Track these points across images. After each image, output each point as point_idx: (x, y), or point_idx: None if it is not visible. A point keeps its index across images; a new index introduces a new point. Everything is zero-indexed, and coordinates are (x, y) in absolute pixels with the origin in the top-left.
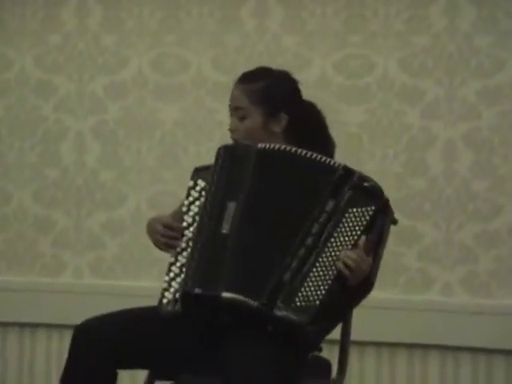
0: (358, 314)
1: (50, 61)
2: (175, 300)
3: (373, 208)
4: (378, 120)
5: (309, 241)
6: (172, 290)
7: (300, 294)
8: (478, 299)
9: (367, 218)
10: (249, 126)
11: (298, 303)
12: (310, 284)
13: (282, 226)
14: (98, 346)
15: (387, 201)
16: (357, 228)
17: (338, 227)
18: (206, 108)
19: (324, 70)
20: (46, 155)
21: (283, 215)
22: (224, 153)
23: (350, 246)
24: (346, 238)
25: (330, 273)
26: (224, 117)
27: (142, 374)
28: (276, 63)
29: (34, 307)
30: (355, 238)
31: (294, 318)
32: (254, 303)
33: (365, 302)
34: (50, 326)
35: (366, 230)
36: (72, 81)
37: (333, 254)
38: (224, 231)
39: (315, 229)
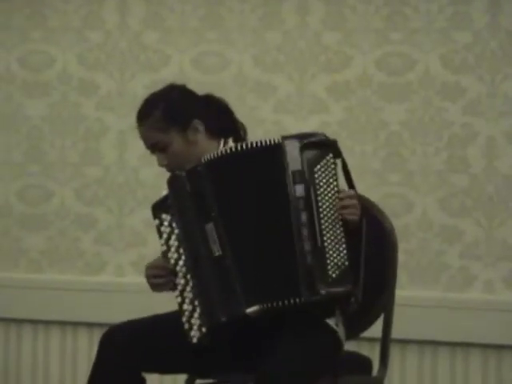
0: (399, 312)
1: (91, 59)
2: (204, 335)
3: (330, 155)
4: (419, 117)
5: (303, 217)
6: (195, 327)
7: (330, 267)
8: None
9: (332, 166)
10: (175, 151)
11: (334, 275)
12: (331, 252)
13: (269, 222)
14: (124, 352)
15: (335, 142)
16: (331, 180)
17: (317, 189)
18: (246, 106)
19: (365, 68)
20: (87, 153)
21: (264, 213)
22: (175, 181)
23: (336, 198)
24: (329, 195)
25: (338, 231)
26: (265, 114)
27: (179, 377)
28: (317, 60)
29: (75, 305)
30: (335, 189)
31: (340, 289)
32: (297, 300)
33: (407, 300)
34: (91, 325)
35: (337, 177)
36: (113, 79)
37: (329, 215)
38: (217, 254)
39: (301, 204)
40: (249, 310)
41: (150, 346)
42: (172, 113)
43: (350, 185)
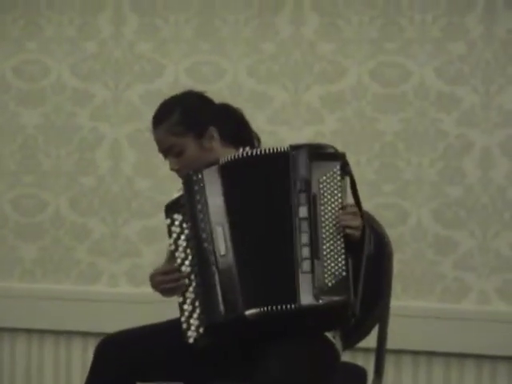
0: (394, 322)
1: (86, 68)
2: (201, 336)
3: (337, 167)
4: (414, 128)
5: (304, 226)
6: (193, 327)
7: (327, 276)
8: None
9: (338, 178)
10: (189, 157)
11: (330, 284)
12: (329, 261)
13: (272, 228)
14: (119, 361)
15: (343, 155)
16: (336, 192)
17: (321, 199)
18: None
19: (360, 78)
20: (82, 163)
21: (268, 219)
22: (190, 181)
23: (339, 210)
24: (333, 205)
25: (338, 242)
26: (260, 124)
27: None
28: (312, 71)
29: (70, 315)
30: (339, 201)
31: (335, 298)
32: (293, 306)
33: (401, 310)
34: (85, 334)
35: (343, 189)
36: (108, 89)
37: (330, 225)
38: (222, 253)
39: (302, 213)
40: (247, 313)
41: (144, 356)
42: (189, 118)
43: (356, 200)
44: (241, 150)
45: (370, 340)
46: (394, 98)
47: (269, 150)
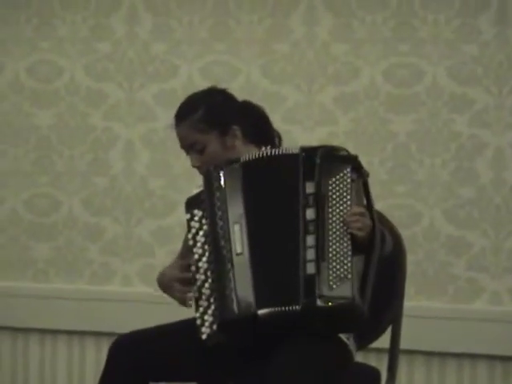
0: (407, 323)
1: (99, 69)
2: (214, 333)
3: (348, 170)
4: (426, 129)
5: (310, 228)
6: (207, 323)
7: (331, 278)
8: None
9: (348, 180)
10: (211, 154)
11: (335, 286)
12: (334, 264)
13: (281, 229)
14: (133, 361)
15: (356, 157)
16: (345, 194)
17: (329, 202)
18: None
19: (373, 79)
20: (95, 163)
21: (279, 218)
22: (210, 177)
23: (348, 212)
24: (341, 208)
25: (345, 244)
26: (275, 124)
27: None
28: (325, 71)
29: (83, 315)
30: (348, 203)
31: (339, 301)
32: (296, 308)
33: (414, 311)
34: (98, 334)
35: (353, 191)
36: (122, 89)
37: (337, 227)
38: (238, 251)
39: (309, 215)
40: (260, 312)
41: (158, 356)
42: (213, 116)
43: (367, 202)
44: (262, 148)
45: (383, 340)
46: (407, 99)
47: (280, 151)
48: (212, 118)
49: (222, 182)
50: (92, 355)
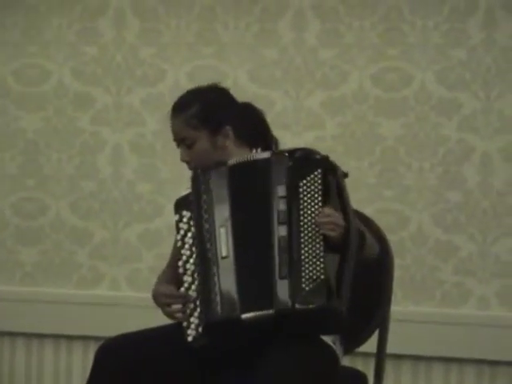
0: (394, 327)
1: (87, 73)
2: (200, 335)
3: (319, 171)
4: (414, 133)
5: (282, 231)
6: (193, 326)
7: (304, 280)
8: None
9: (319, 182)
10: (200, 151)
11: (308, 288)
12: (307, 265)
13: (259, 233)
14: (119, 365)
15: (328, 158)
16: (315, 195)
17: (300, 204)
18: None
19: (361, 83)
20: (83, 167)
21: (257, 222)
22: (198, 180)
23: (319, 213)
24: (312, 209)
25: (317, 245)
26: None
27: None
28: (313, 76)
29: (70, 319)
30: (320, 204)
31: (312, 304)
32: (270, 312)
33: (401, 315)
34: (86, 338)
35: (325, 193)
36: (109, 93)
37: (309, 229)
38: (224, 254)
39: (282, 217)
40: (244, 316)
41: (144, 360)
42: (207, 114)
43: (342, 202)
44: (253, 151)
45: (370, 344)
46: (395, 103)
47: (253, 155)
48: (205, 115)
49: (209, 185)
50: (79, 359)
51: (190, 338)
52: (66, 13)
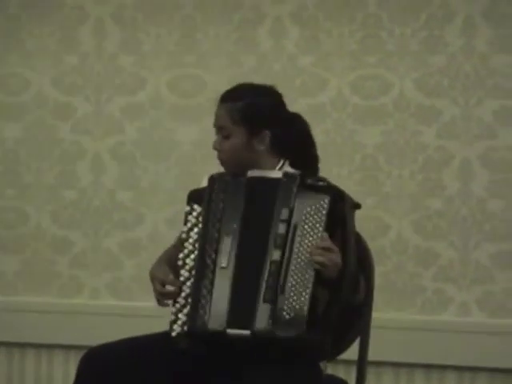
0: (375, 334)
1: (67, 82)
2: (183, 334)
3: (325, 201)
4: (394, 140)
5: (275, 255)
6: (180, 322)
7: (286, 307)
8: (495, 319)
9: (323, 212)
10: (233, 146)
11: (288, 316)
12: (292, 294)
13: (257, 251)
14: (102, 375)
15: (338, 189)
16: (317, 225)
17: (299, 231)
18: None
19: (340, 91)
20: (63, 176)
21: (257, 241)
22: (217, 181)
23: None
24: (310, 238)
25: (307, 276)
26: None
27: None
28: (293, 83)
29: (51, 328)
30: (319, 235)
31: (288, 333)
32: (247, 333)
33: (382, 322)
34: (67, 347)
35: (329, 223)
36: (89, 102)
37: (302, 257)
38: (223, 265)
39: (278, 242)
40: (229, 331)
41: (128, 369)
42: (252, 113)
43: (344, 237)
44: (284, 163)
45: (351, 352)
46: (374, 111)
47: (268, 172)
48: (249, 114)
49: (225, 192)
50: (60, 368)
51: (173, 333)
52: (46, 22)
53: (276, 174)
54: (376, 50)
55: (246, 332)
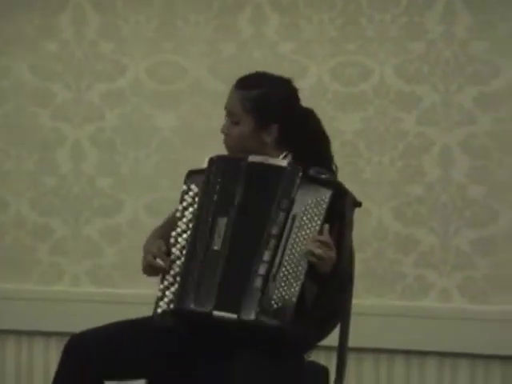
0: (356, 321)
1: (47, 69)
2: (168, 312)
3: (326, 196)
4: (374, 127)
5: (271, 243)
6: (166, 299)
7: (275, 296)
8: (475, 305)
9: (323, 206)
10: (240, 133)
11: (276, 306)
12: (283, 284)
13: (250, 239)
14: (86, 361)
15: (340, 184)
16: (315, 218)
17: (297, 222)
18: (202, 115)
19: (320, 78)
20: (43, 163)
21: (254, 227)
22: (216, 163)
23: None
24: (308, 231)
25: (300, 268)
26: (221, 124)
27: None
28: (272, 71)
29: (32, 315)
30: (316, 228)
31: (273, 321)
32: (232, 316)
33: (363, 309)
34: (47, 334)
35: (328, 218)
36: (69, 89)
37: (298, 249)
38: (215, 248)
39: (275, 230)
40: (215, 313)
41: (113, 354)
42: (263, 104)
43: (340, 235)
44: (286, 155)
45: (332, 338)
46: (354, 97)
47: (273, 160)
48: (261, 104)
49: (224, 175)
50: (40, 355)
51: (159, 310)
52: (26, 9)
53: (281, 162)
54: (356, 37)
55: (233, 316)
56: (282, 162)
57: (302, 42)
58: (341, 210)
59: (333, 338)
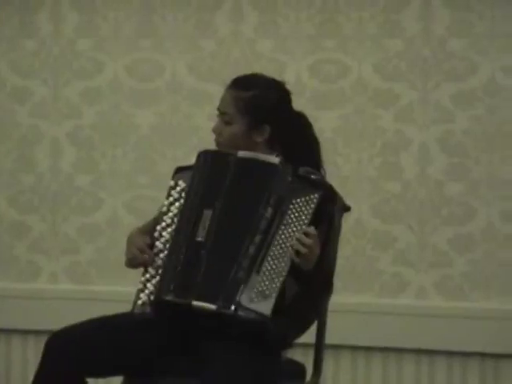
0: (333, 318)
1: (25, 66)
2: (148, 303)
3: (316, 196)
4: (352, 124)
5: (257, 238)
6: (147, 291)
7: (256, 291)
8: (452, 302)
9: (312, 206)
10: (232, 133)
11: (256, 299)
12: (265, 278)
13: (236, 233)
14: (67, 358)
15: (331, 187)
16: (303, 217)
17: (285, 219)
18: (181, 113)
19: (299, 75)
20: (21, 160)
21: (240, 220)
22: (204, 158)
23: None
24: (294, 229)
25: (283, 264)
26: (200, 122)
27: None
28: (251, 68)
29: (9, 313)
30: (303, 227)
31: (251, 315)
32: (212, 306)
33: (340, 306)
34: (25, 332)
35: (315, 218)
36: (47, 86)
37: (283, 246)
38: (199, 239)
39: (262, 225)
40: (195, 303)
41: (94, 350)
42: (256, 105)
43: (326, 235)
44: (274, 155)
45: (309, 335)
46: (333, 95)
47: (264, 156)
48: (254, 106)
49: (212, 169)
50: (18, 353)
51: (139, 302)
52: (4, 7)
53: (272, 159)
54: (334, 34)
55: (212, 306)
56: (274, 159)
57: (280, 40)
58: (330, 213)
59: (310, 335)
